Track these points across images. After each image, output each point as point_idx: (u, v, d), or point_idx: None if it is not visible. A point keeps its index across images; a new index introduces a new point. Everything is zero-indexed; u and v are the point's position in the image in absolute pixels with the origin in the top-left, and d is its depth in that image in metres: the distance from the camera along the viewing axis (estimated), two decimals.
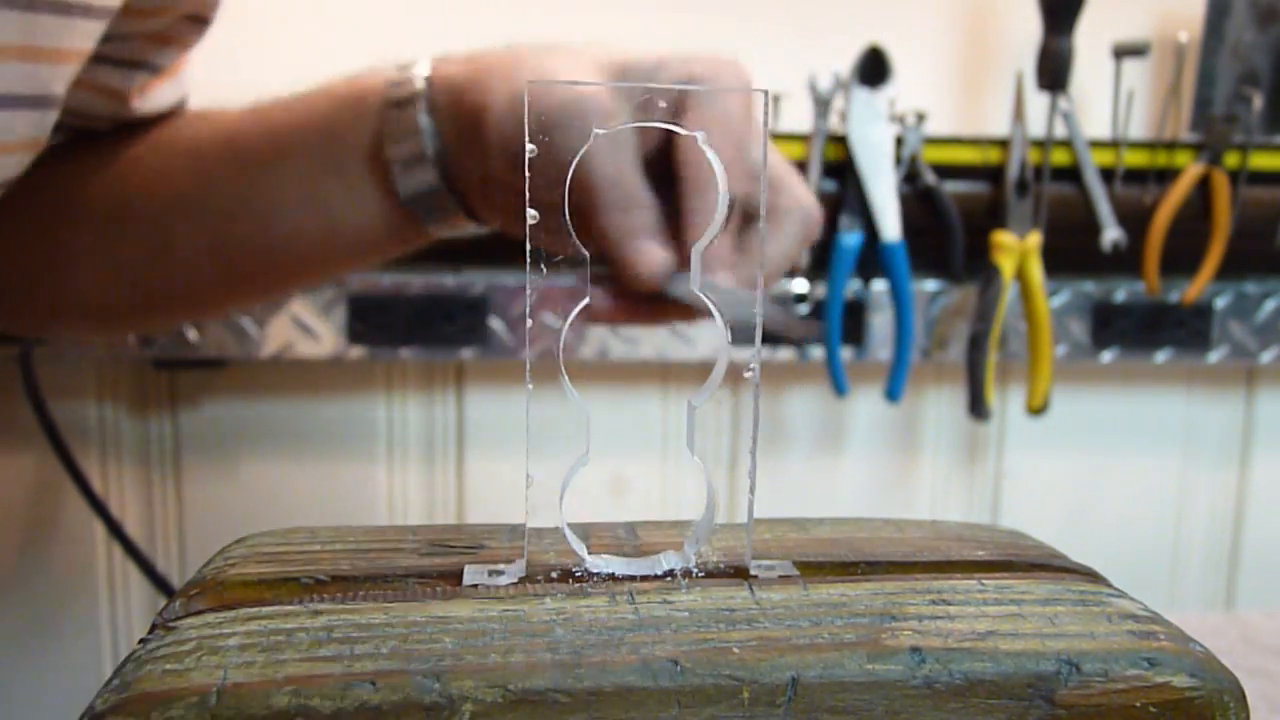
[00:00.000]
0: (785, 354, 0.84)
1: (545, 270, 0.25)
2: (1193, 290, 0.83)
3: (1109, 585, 0.26)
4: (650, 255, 0.38)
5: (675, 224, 0.39)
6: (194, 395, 0.84)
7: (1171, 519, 0.95)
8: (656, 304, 0.40)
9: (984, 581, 0.25)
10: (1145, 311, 0.86)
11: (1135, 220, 0.82)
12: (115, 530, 0.76)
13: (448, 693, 0.20)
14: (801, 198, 0.42)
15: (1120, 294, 0.86)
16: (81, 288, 0.52)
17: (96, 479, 0.82)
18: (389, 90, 0.44)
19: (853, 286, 0.83)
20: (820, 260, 0.80)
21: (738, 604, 0.24)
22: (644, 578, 0.25)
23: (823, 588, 0.25)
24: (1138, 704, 0.21)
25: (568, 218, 0.25)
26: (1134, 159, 0.83)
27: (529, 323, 0.26)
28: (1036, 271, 0.81)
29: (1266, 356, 0.87)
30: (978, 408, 0.81)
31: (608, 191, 0.38)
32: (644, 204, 0.39)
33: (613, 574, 0.25)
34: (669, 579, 0.25)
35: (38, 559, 0.84)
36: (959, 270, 0.82)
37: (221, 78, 0.56)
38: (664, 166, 0.40)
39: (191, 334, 0.78)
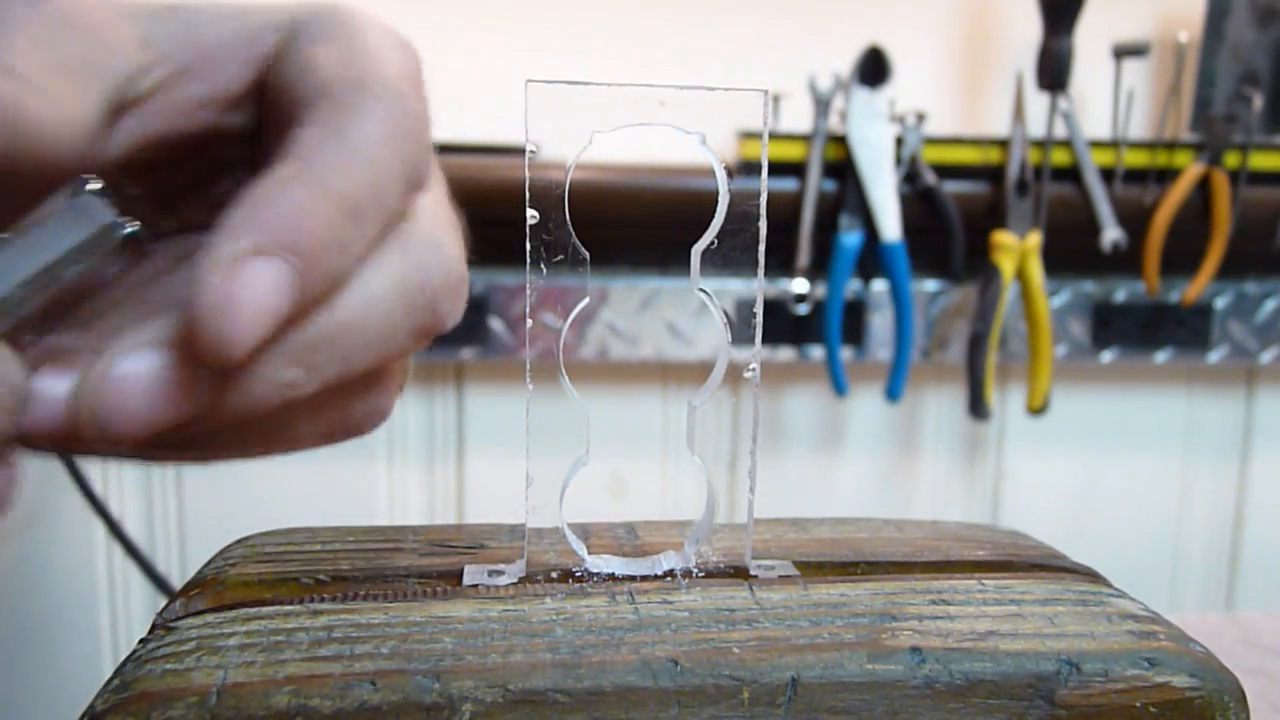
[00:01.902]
0: (785, 354, 0.84)
1: (545, 270, 0.25)
2: (1193, 290, 0.83)
3: (1109, 585, 0.26)
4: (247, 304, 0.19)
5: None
6: None
7: (1171, 519, 0.95)
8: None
9: (984, 581, 0.25)
10: (1145, 311, 0.86)
11: (1135, 220, 0.82)
12: (115, 530, 0.76)
13: (448, 693, 0.20)
14: (394, 83, 0.24)
15: (1120, 294, 0.86)
16: None
17: (96, 479, 0.82)
18: None
19: (853, 286, 0.83)
20: (820, 260, 0.80)
21: (738, 604, 0.24)
22: (644, 578, 0.25)
23: (823, 588, 0.25)
24: (1138, 704, 0.21)
25: (568, 217, 0.25)
26: (1134, 159, 0.83)
27: (529, 323, 0.26)
28: (1036, 271, 0.81)
29: (1266, 356, 0.87)
30: (978, 408, 0.81)
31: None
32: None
33: (613, 574, 0.25)
34: (669, 579, 0.25)
35: (37, 559, 0.84)
36: (959, 270, 0.82)
37: None
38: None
39: None
